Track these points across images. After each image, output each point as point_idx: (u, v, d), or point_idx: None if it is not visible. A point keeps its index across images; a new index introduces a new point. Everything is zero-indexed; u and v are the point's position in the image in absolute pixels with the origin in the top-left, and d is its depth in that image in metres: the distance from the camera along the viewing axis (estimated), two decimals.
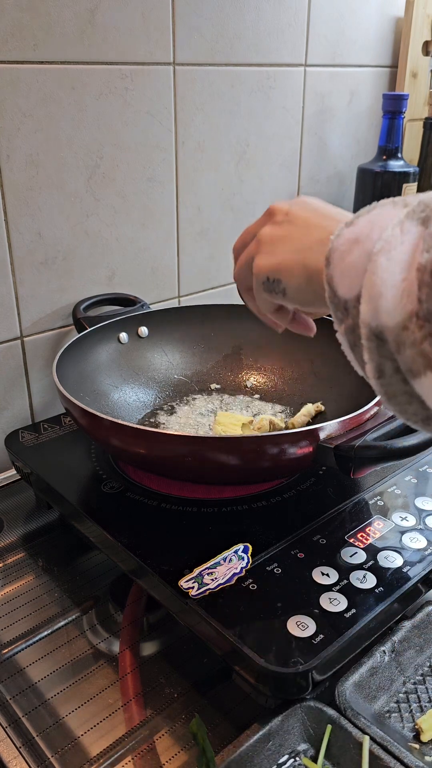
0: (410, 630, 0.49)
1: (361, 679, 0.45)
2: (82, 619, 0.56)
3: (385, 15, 1.02)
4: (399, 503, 0.58)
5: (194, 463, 0.53)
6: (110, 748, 0.45)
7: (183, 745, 0.45)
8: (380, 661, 0.47)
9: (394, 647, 0.48)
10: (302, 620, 0.45)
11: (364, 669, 0.46)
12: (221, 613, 0.46)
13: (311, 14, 0.91)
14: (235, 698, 0.48)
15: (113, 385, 0.73)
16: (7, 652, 0.53)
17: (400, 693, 0.47)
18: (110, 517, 0.57)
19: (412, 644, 0.49)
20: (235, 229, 0.93)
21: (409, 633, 0.49)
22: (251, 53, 0.86)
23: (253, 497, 0.59)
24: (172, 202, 0.84)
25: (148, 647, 0.54)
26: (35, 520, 0.69)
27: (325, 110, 0.99)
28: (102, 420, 0.55)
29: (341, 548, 0.52)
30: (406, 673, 0.48)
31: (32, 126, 0.68)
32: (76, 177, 0.73)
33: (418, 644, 0.49)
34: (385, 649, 0.47)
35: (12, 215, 0.69)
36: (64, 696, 0.49)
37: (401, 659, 0.48)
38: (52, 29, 0.66)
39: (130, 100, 0.75)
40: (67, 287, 0.77)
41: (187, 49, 0.79)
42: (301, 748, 0.43)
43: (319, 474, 0.62)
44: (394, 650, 0.48)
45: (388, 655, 0.47)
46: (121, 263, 0.81)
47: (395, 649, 0.48)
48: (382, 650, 0.47)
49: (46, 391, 0.78)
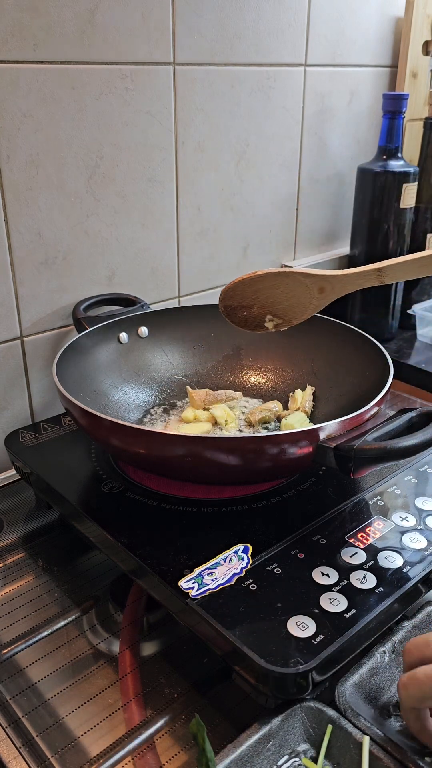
0: (410, 630, 0.49)
1: (361, 679, 0.45)
2: (82, 619, 0.56)
3: (385, 15, 1.02)
4: (399, 503, 0.58)
5: (194, 463, 0.53)
6: (110, 748, 0.45)
7: (183, 745, 0.46)
8: (380, 661, 0.47)
9: (395, 648, 0.48)
10: (302, 620, 0.45)
11: (364, 669, 0.46)
12: (221, 613, 0.46)
13: (311, 14, 0.91)
14: (235, 698, 0.48)
15: (113, 385, 0.73)
16: (7, 652, 0.53)
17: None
18: (110, 517, 0.57)
19: None
20: (235, 229, 0.93)
21: (409, 633, 0.49)
22: (251, 53, 0.86)
23: (253, 497, 0.59)
24: (172, 202, 0.84)
25: (148, 647, 0.54)
26: (35, 520, 0.69)
27: (325, 110, 0.99)
28: (102, 420, 0.54)
29: (341, 548, 0.52)
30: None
31: (32, 126, 0.68)
32: (76, 177, 0.73)
33: None
34: (385, 650, 0.47)
35: (12, 215, 0.69)
36: (64, 696, 0.49)
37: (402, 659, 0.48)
38: (52, 29, 0.66)
39: (130, 100, 0.75)
40: (67, 287, 0.77)
41: (187, 49, 0.79)
42: (301, 749, 0.43)
43: (319, 474, 0.62)
44: (395, 650, 0.48)
45: (389, 655, 0.47)
46: (121, 263, 0.81)
47: (395, 649, 0.48)
48: (383, 651, 0.47)
49: (46, 391, 0.78)
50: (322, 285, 0.59)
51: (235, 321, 0.63)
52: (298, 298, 0.60)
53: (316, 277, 0.58)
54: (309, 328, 0.77)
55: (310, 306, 0.60)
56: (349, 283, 0.58)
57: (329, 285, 0.59)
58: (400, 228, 0.97)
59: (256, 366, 0.80)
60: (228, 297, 0.61)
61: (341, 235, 1.10)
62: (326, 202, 1.06)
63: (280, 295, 0.60)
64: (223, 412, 0.70)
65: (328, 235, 1.09)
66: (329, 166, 1.04)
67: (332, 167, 1.05)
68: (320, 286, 0.59)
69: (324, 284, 0.59)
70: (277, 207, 0.98)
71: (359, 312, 1.04)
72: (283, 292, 0.60)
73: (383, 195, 0.95)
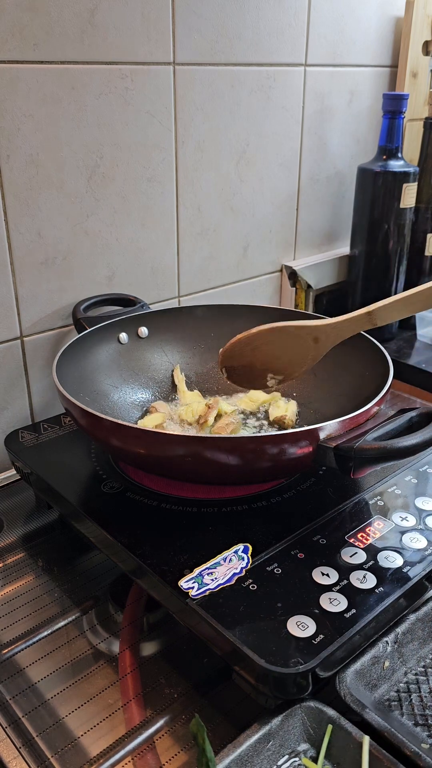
0: (414, 623, 0.49)
1: (362, 667, 0.45)
2: (82, 619, 0.56)
3: (385, 15, 1.02)
4: (399, 503, 0.58)
5: (194, 463, 0.53)
6: (110, 748, 0.45)
7: (183, 745, 0.46)
8: (382, 651, 0.47)
9: (397, 638, 0.48)
10: (302, 620, 0.45)
11: (366, 658, 0.46)
12: (221, 613, 0.46)
13: (311, 14, 0.91)
14: (235, 698, 0.48)
15: (113, 386, 0.73)
16: (7, 652, 0.53)
17: (401, 683, 0.47)
18: (110, 517, 0.57)
19: (416, 636, 0.49)
20: (235, 229, 0.93)
21: (413, 625, 0.49)
22: (251, 53, 0.86)
23: (253, 497, 0.59)
24: (172, 202, 0.84)
25: (148, 647, 0.54)
26: (35, 520, 0.69)
27: (325, 110, 0.99)
28: (102, 420, 0.55)
29: (341, 548, 0.52)
30: (408, 664, 0.48)
31: (32, 126, 0.68)
32: (76, 177, 0.73)
33: (421, 637, 0.49)
34: (388, 640, 0.47)
35: (12, 215, 0.69)
36: (64, 696, 0.49)
37: (404, 650, 0.48)
38: (52, 29, 0.66)
39: (130, 100, 0.75)
40: (67, 287, 0.77)
41: (187, 49, 0.79)
42: (301, 749, 0.43)
43: (319, 474, 0.62)
44: (397, 641, 0.48)
45: (391, 645, 0.47)
46: (121, 263, 0.81)
47: (398, 640, 0.48)
48: (385, 641, 0.47)
49: (46, 391, 0.78)
50: (317, 335, 0.59)
51: (237, 381, 0.62)
52: (296, 350, 0.60)
53: (310, 328, 0.59)
54: None
55: (309, 357, 0.60)
56: (343, 331, 0.59)
57: (323, 335, 0.59)
58: (400, 228, 0.97)
59: None
60: (227, 358, 0.61)
61: (341, 235, 1.10)
62: (326, 202, 1.06)
63: (278, 350, 0.60)
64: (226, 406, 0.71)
65: (328, 235, 1.09)
66: (329, 166, 1.04)
67: (332, 167, 1.05)
68: (315, 336, 0.59)
69: (318, 334, 0.59)
70: (277, 207, 0.98)
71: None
72: (280, 346, 0.60)
73: (383, 195, 0.95)
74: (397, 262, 0.99)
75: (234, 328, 0.80)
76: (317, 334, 0.59)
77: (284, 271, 1.02)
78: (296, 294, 1.03)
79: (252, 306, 0.81)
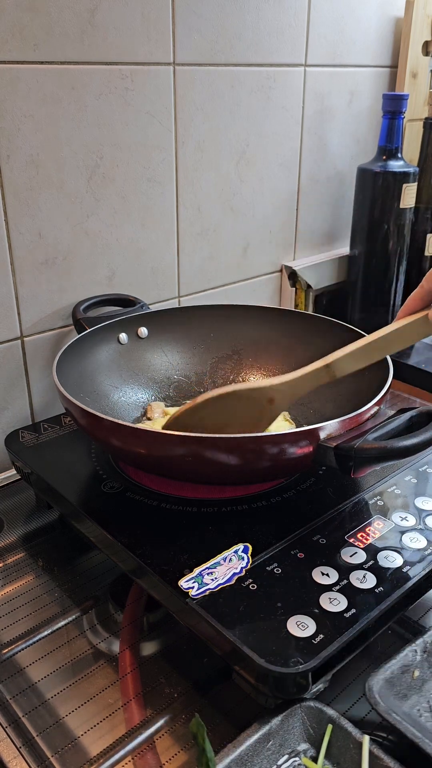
0: None
1: (392, 675, 0.44)
2: (82, 619, 0.56)
3: (385, 15, 1.02)
4: (399, 503, 0.58)
5: (194, 463, 0.53)
6: (110, 748, 0.45)
7: (183, 745, 0.46)
8: (411, 659, 0.46)
9: (426, 647, 0.47)
10: (302, 620, 0.45)
11: (395, 666, 0.45)
12: (221, 613, 0.46)
13: (311, 14, 0.91)
14: (235, 698, 0.48)
15: (113, 386, 0.73)
16: (7, 652, 0.53)
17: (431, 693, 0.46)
18: (110, 517, 0.57)
19: None
20: (235, 229, 0.93)
21: None
22: (251, 53, 0.86)
23: (253, 497, 0.59)
24: (172, 203, 0.84)
25: (148, 647, 0.54)
26: (35, 520, 0.69)
27: (324, 110, 0.99)
28: (102, 420, 0.55)
29: (341, 548, 0.52)
30: None
31: (32, 126, 0.68)
32: (76, 177, 0.73)
33: None
34: (416, 649, 0.46)
35: (12, 215, 0.69)
36: (64, 696, 0.49)
37: None
38: (52, 29, 0.67)
39: (130, 100, 0.75)
40: (67, 287, 0.77)
41: (187, 49, 0.79)
42: (301, 748, 0.43)
43: (319, 474, 0.62)
44: (426, 650, 0.47)
45: (420, 654, 0.46)
46: (121, 263, 0.81)
47: (427, 648, 0.47)
48: (414, 649, 0.46)
49: (46, 391, 0.78)
50: (271, 396, 0.57)
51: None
52: (248, 413, 0.57)
53: (264, 390, 0.57)
54: (309, 328, 0.77)
55: (264, 419, 0.58)
56: (300, 388, 0.56)
57: (279, 394, 0.57)
58: (400, 228, 0.97)
59: (256, 366, 0.80)
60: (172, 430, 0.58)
61: (341, 235, 1.11)
62: (326, 202, 1.06)
63: (228, 416, 0.57)
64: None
65: (328, 235, 1.09)
66: (329, 166, 1.04)
67: (332, 167, 1.05)
68: (269, 397, 0.57)
69: (273, 394, 0.57)
70: (277, 207, 0.98)
71: (359, 312, 1.04)
72: (230, 413, 0.57)
73: (383, 195, 0.95)
74: (396, 262, 0.99)
75: (234, 328, 0.80)
76: (272, 395, 0.57)
77: (284, 271, 1.02)
78: (296, 294, 1.03)
79: (252, 306, 0.81)
